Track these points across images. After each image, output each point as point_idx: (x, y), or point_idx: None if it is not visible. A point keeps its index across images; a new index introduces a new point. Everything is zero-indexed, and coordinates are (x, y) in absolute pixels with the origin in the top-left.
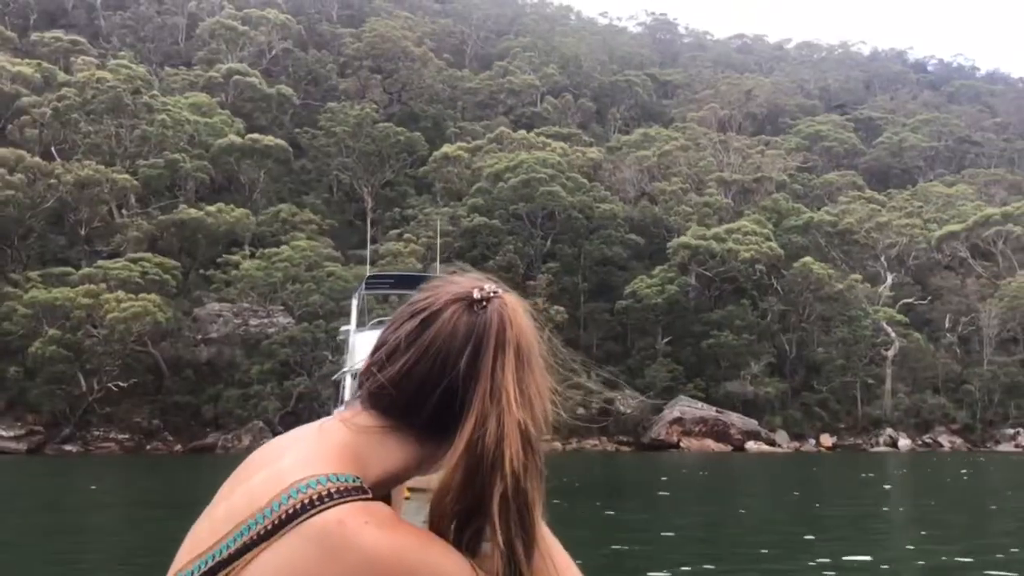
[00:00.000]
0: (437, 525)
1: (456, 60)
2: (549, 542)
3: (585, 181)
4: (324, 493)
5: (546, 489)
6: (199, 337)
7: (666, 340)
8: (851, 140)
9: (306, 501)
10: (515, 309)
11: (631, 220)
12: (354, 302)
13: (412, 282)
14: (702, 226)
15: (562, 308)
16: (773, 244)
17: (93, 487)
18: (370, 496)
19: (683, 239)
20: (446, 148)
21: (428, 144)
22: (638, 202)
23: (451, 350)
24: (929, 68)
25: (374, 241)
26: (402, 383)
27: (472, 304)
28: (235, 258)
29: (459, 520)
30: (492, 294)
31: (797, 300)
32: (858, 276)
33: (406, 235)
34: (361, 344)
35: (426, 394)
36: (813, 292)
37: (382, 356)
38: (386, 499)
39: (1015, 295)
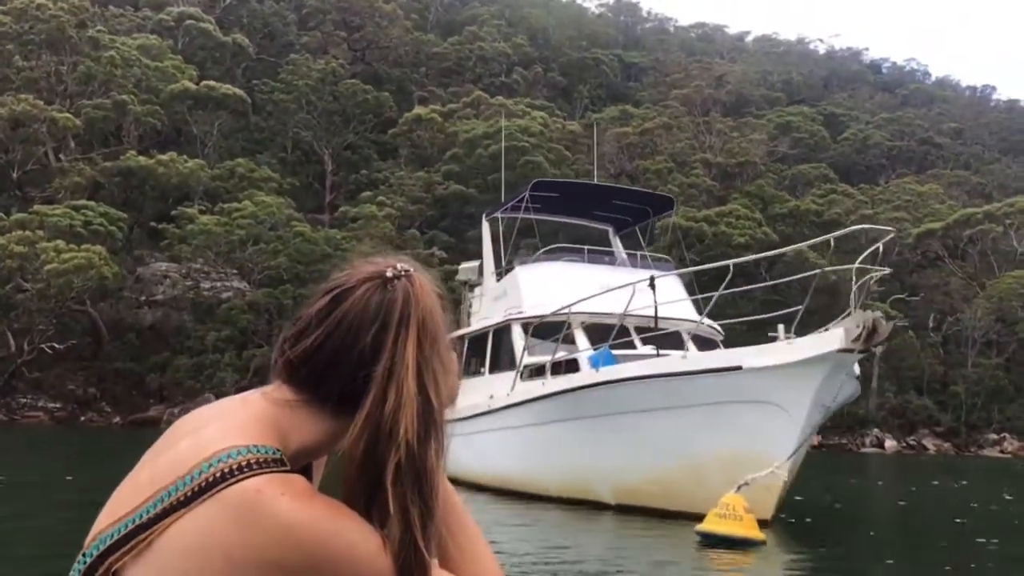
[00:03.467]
0: (348, 497)
1: (419, 23)
2: (456, 514)
3: (568, 154)
4: (244, 463)
5: None
6: (143, 299)
7: None
8: (820, 133)
9: (226, 470)
10: (423, 288)
11: None
12: (486, 232)
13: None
14: (689, 207)
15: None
16: (767, 230)
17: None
18: (288, 468)
19: (673, 219)
20: (418, 110)
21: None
22: (618, 180)
23: (359, 326)
24: (884, 70)
25: (334, 208)
26: (313, 358)
27: (385, 283)
28: (191, 211)
29: (367, 492)
30: (403, 273)
31: (787, 290)
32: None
33: (379, 198)
34: (529, 281)
35: (337, 369)
36: (800, 283)
37: (294, 332)
38: (306, 470)
39: (1002, 296)
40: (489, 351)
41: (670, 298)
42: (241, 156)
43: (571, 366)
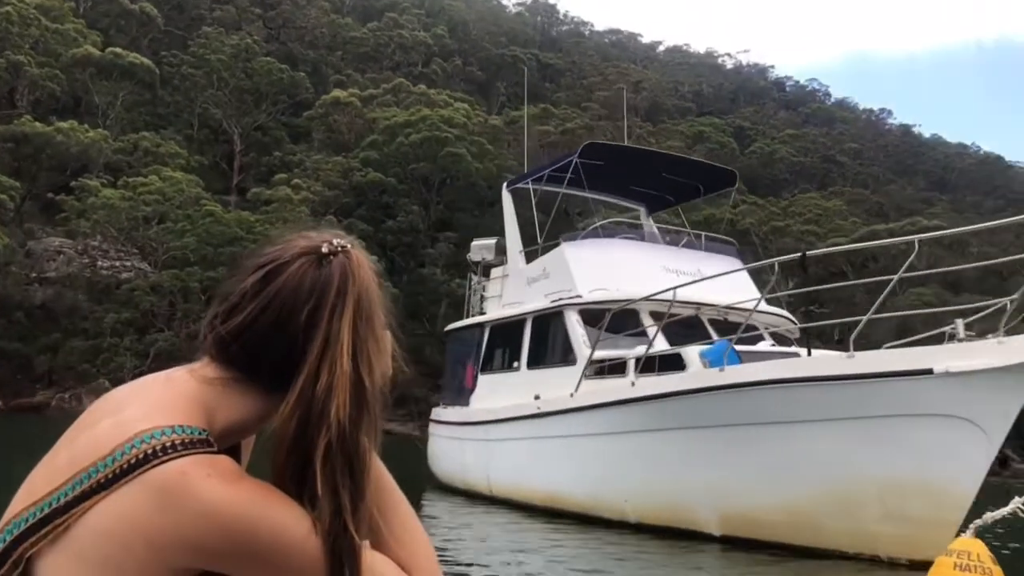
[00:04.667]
0: (278, 478)
1: (336, 6)
2: (388, 495)
3: (490, 148)
4: (168, 444)
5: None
6: (33, 275)
7: None
8: (731, 144)
9: (149, 452)
10: (360, 264)
11: None
12: (508, 205)
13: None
14: (610, 210)
15: (464, 282)
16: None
17: None
18: (215, 449)
19: (592, 221)
20: (337, 93)
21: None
22: None
23: (294, 303)
24: (787, 88)
25: (242, 191)
26: (245, 335)
27: (321, 258)
28: (93, 183)
29: (297, 473)
30: (340, 248)
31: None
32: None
33: (294, 182)
34: (582, 261)
35: (269, 346)
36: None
37: (225, 308)
38: (234, 450)
39: (906, 311)
40: (528, 342)
41: (739, 287)
42: (145, 130)
43: (668, 363)
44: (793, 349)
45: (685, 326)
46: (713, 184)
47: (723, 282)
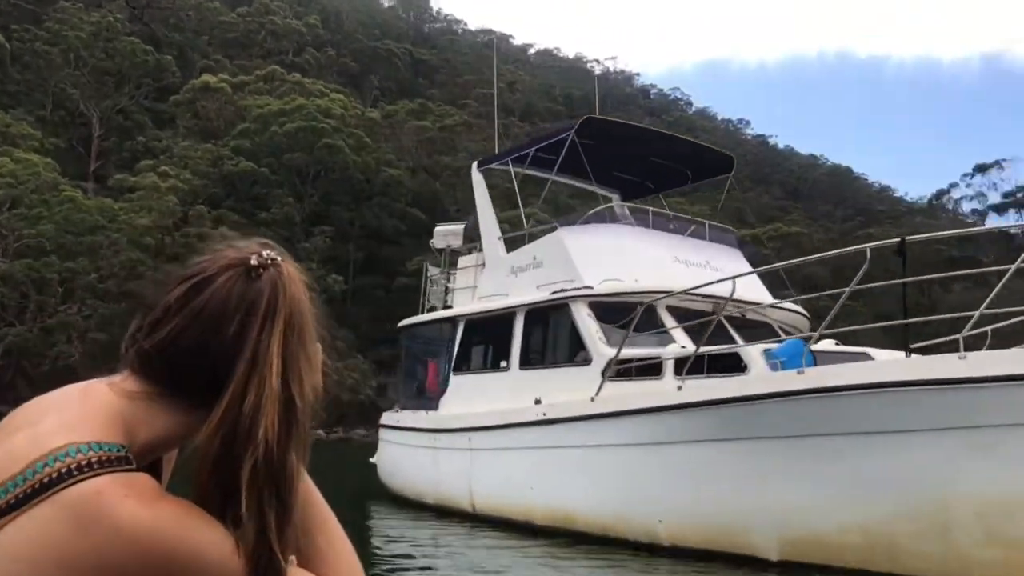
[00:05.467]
0: (200, 497)
1: None
2: (316, 512)
3: (368, 140)
4: (84, 462)
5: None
6: None
7: None
8: None
9: (64, 470)
10: (291, 278)
11: (411, 192)
12: (480, 186)
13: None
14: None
15: (340, 278)
16: None
17: None
18: (134, 467)
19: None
20: (207, 78)
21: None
22: (416, 175)
23: (220, 317)
24: (652, 95)
25: (100, 177)
26: (169, 350)
27: (249, 271)
28: None
29: (221, 493)
30: (270, 261)
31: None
32: None
33: (161, 169)
34: (583, 248)
35: (194, 362)
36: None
37: (149, 321)
38: (154, 467)
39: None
40: (519, 339)
41: (747, 281)
42: None
43: (719, 364)
44: (861, 349)
45: (701, 323)
46: (704, 170)
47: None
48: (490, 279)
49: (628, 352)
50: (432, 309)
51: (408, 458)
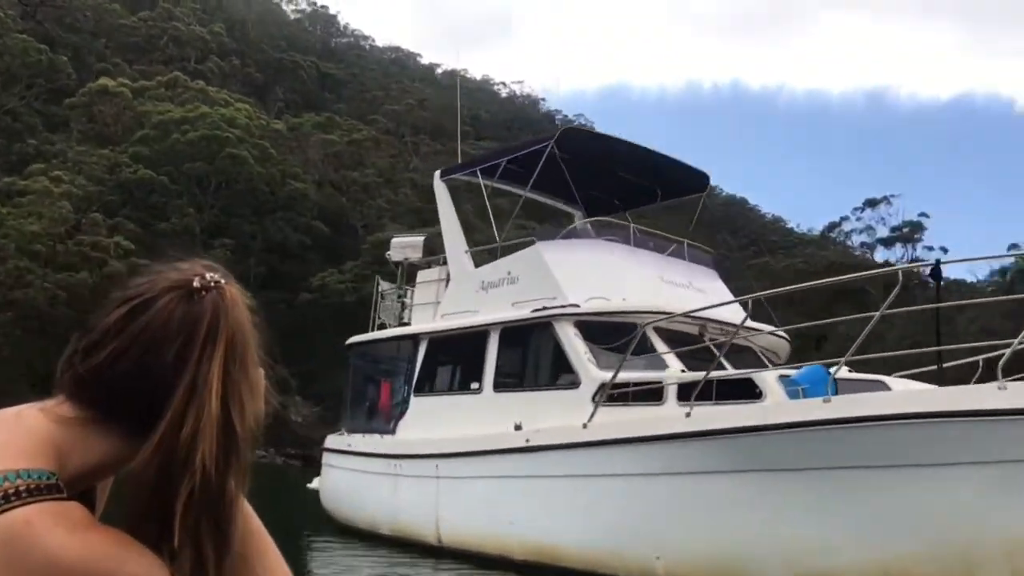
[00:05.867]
0: (134, 527)
1: None
2: (256, 540)
3: (274, 152)
4: (11, 491)
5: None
6: None
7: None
8: None
9: None
10: (234, 301)
11: (317, 207)
12: (444, 197)
13: None
14: (398, 225)
15: (247, 293)
16: None
17: None
18: (65, 495)
19: (385, 235)
20: (105, 81)
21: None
22: (323, 189)
23: (161, 341)
24: (557, 121)
25: None
26: (106, 375)
27: (191, 293)
28: None
29: (157, 523)
30: (212, 284)
31: None
32: None
33: (53, 174)
34: (565, 264)
35: (131, 386)
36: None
37: (86, 344)
38: (87, 495)
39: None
40: (493, 359)
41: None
42: None
43: (729, 390)
44: (875, 377)
45: (686, 344)
46: (675, 188)
47: (715, 298)
48: (456, 295)
49: (625, 376)
50: (382, 326)
51: (360, 485)
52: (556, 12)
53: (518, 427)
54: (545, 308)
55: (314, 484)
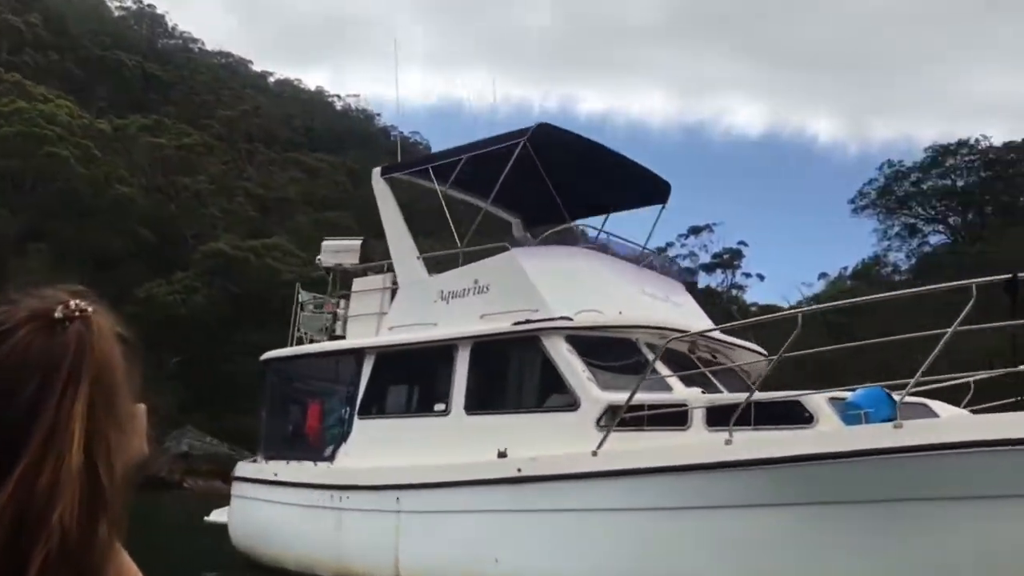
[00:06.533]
0: None
1: None
2: None
3: (98, 153)
4: None
5: None
6: None
7: (177, 360)
8: (345, 183)
9: None
10: (101, 332)
11: (144, 213)
12: (386, 197)
13: None
14: (230, 235)
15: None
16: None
17: None
18: None
19: (217, 246)
20: None
21: None
22: (150, 194)
23: (15, 381)
24: (392, 136)
25: None
26: None
27: (52, 324)
28: None
29: None
30: (77, 313)
31: None
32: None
33: None
34: (545, 274)
35: None
36: None
37: None
38: None
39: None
40: (462, 378)
41: (701, 317)
42: None
43: (771, 414)
44: (918, 400)
45: (676, 363)
46: (634, 197)
47: (691, 312)
48: (407, 306)
49: (645, 397)
50: (301, 340)
51: (289, 520)
52: (390, 29)
53: (502, 454)
54: (529, 321)
55: (216, 517)
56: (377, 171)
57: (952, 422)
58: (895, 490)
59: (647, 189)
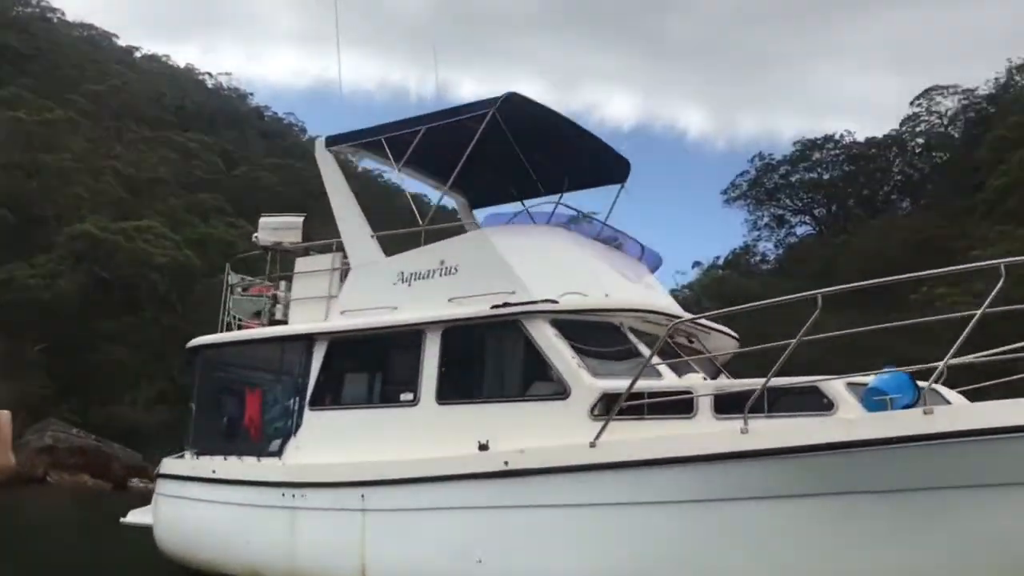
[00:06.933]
0: None
1: None
2: None
3: None
4: None
5: None
6: None
7: (41, 347)
8: (218, 164)
9: None
10: None
11: (2, 192)
12: (331, 168)
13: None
14: (98, 216)
15: None
16: (189, 253)
17: None
18: None
19: (84, 227)
20: None
21: None
22: (8, 171)
23: None
24: (266, 117)
25: None
26: None
27: None
28: None
29: None
30: None
31: (202, 320)
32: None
33: None
34: (522, 253)
35: None
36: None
37: None
38: None
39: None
40: (432, 365)
41: (671, 299)
42: None
43: (786, 401)
44: (933, 387)
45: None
46: (592, 175)
47: (662, 293)
48: (362, 288)
49: (648, 384)
50: (231, 325)
51: (231, 521)
52: (260, 4)
53: (484, 446)
54: (508, 304)
55: (135, 518)
56: (321, 141)
57: (985, 408)
58: (926, 478)
59: (608, 167)
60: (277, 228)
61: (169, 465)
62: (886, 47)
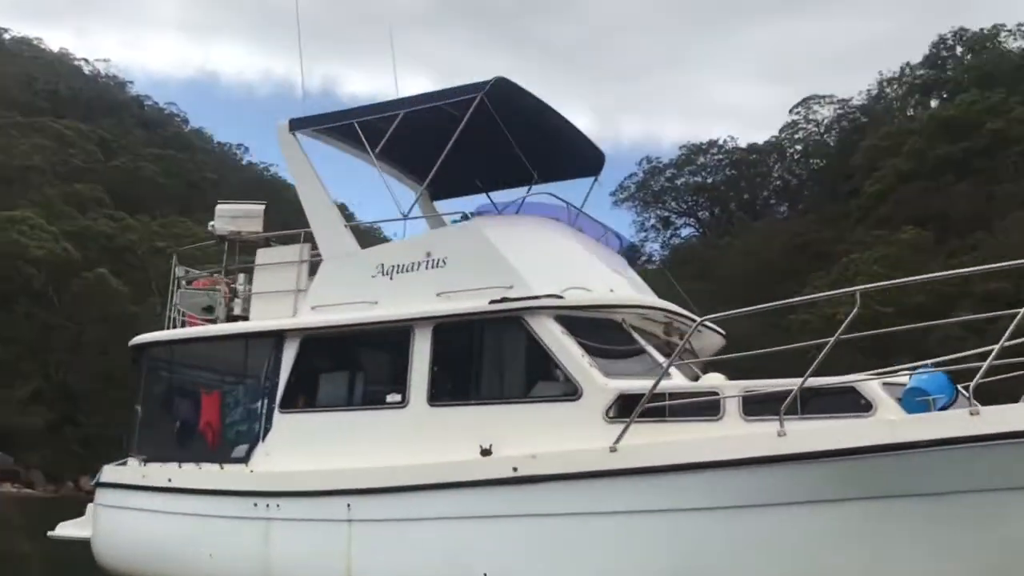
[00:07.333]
0: None
1: None
2: None
3: None
4: None
5: None
6: None
7: None
8: (96, 154)
9: None
10: None
11: None
12: (297, 154)
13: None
14: None
15: None
16: (68, 247)
17: None
18: None
19: None
20: None
21: None
22: None
23: None
24: (146, 107)
25: None
26: None
27: None
28: None
29: None
30: None
31: (82, 317)
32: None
33: None
34: (517, 246)
35: None
36: (101, 309)
37: None
38: None
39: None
40: (423, 364)
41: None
42: None
43: (821, 402)
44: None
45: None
46: (562, 169)
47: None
48: (337, 281)
49: (672, 384)
50: (177, 322)
51: (191, 534)
52: None
53: (487, 451)
54: (507, 299)
55: (66, 531)
56: (284, 125)
57: None
58: (974, 480)
59: (584, 158)
60: (236, 216)
61: (111, 473)
62: (767, 57)
